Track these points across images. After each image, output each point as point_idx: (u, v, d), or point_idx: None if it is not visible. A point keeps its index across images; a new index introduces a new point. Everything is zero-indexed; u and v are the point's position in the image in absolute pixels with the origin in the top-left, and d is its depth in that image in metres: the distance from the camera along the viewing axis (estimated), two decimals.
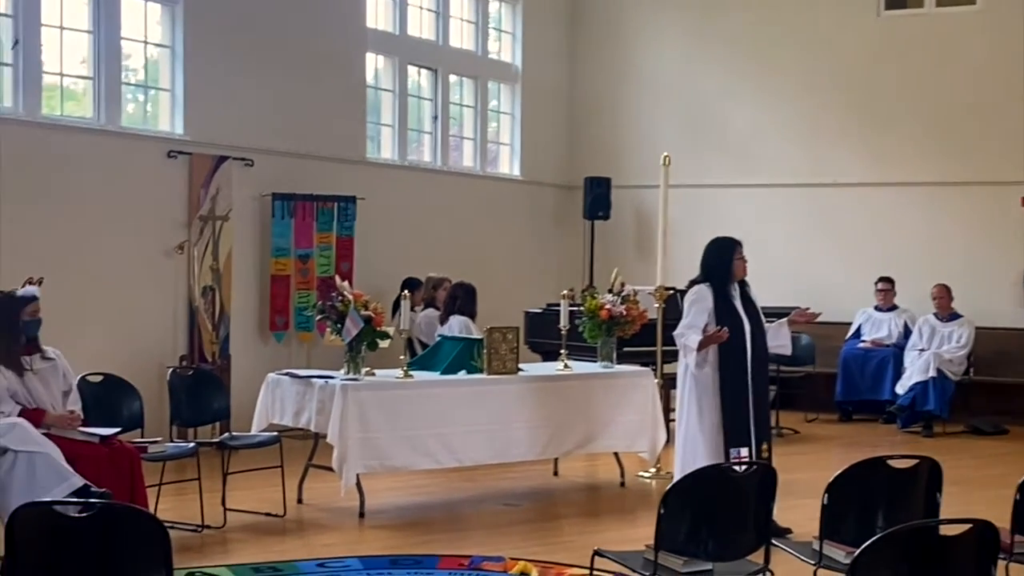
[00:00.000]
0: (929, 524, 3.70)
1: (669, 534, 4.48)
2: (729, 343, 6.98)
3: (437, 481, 8.73)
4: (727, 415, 6.99)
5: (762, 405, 7.15)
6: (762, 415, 7.14)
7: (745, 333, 7.05)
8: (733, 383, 7.02)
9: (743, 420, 7.00)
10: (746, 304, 7.16)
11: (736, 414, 7.00)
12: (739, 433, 6.97)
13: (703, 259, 7.25)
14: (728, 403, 7.00)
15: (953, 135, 12.74)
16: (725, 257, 7.13)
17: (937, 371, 11.62)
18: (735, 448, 6.92)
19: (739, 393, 7.01)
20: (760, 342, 7.14)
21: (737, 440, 6.96)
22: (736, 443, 6.95)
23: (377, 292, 9.17)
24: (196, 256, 10.09)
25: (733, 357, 7.02)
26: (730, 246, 7.18)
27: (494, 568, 6.32)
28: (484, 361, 8.21)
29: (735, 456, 6.86)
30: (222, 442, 7.63)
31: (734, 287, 7.15)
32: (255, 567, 6.33)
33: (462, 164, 13.42)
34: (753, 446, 6.99)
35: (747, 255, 7.27)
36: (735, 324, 7.02)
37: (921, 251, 12.78)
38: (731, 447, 6.93)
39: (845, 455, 9.82)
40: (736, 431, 6.98)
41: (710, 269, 7.18)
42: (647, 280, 9.84)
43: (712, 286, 7.09)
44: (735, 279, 7.13)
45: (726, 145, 13.63)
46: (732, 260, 7.11)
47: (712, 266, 7.18)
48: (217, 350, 10.20)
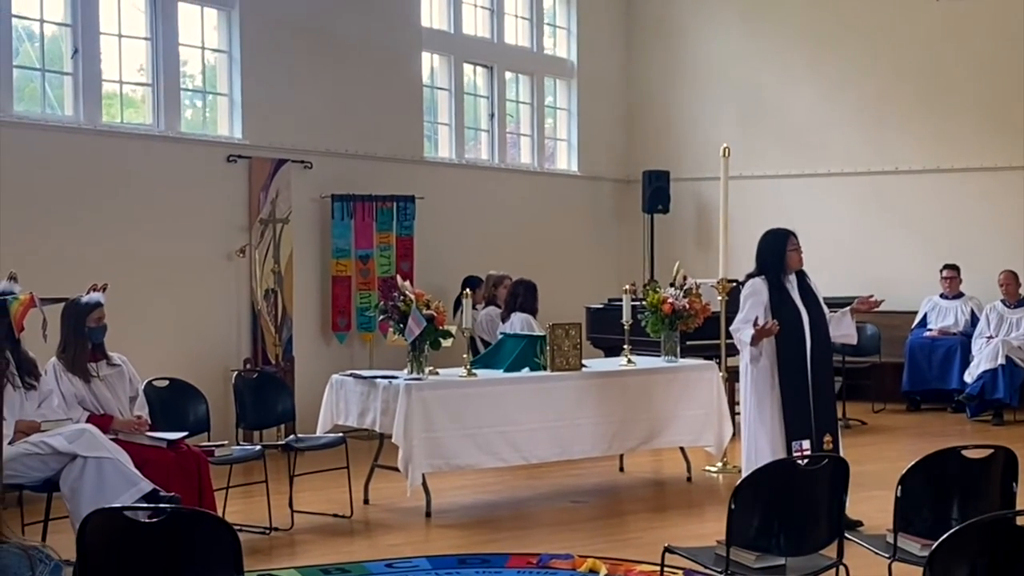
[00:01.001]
0: (1007, 515, 3.61)
1: (740, 529, 4.43)
2: (786, 335, 6.87)
3: (503, 479, 8.72)
4: (786, 407, 6.90)
5: (825, 396, 7.03)
6: (825, 406, 7.01)
7: (804, 324, 6.94)
8: (791, 375, 6.91)
9: (803, 412, 6.90)
10: (805, 295, 7.05)
11: (795, 406, 6.89)
12: (799, 426, 6.87)
13: (757, 252, 7.17)
14: (787, 395, 6.90)
15: (1015, 119, 12.50)
16: (778, 249, 7.04)
17: (1006, 358, 11.42)
18: (796, 441, 6.84)
19: (798, 385, 6.91)
20: (821, 333, 7.02)
21: (798, 433, 6.86)
22: (797, 436, 6.85)
23: (438, 291, 9.18)
24: (257, 259, 10.15)
25: (791, 349, 6.91)
26: (783, 237, 7.09)
27: (563, 566, 6.29)
28: (547, 358, 8.19)
29: (796, 449, 6.78)
30: (288, 444, 7.66)
31: (790, 279, 7.05)
32: (324, 568, 6.35)
33: (519, 161, 13.40)
34: (815, 438, 6.87)
35: (808, 245, 7.18)
36: (793, 315, 6.92)
37: (986, 237, 12.56)
38: (792, 440, 6.84)
39: (914, 446, 9.69)
40: (796, 424, 6.88)
41: (764, 262, 7.10)
42: (709, 273, 9.77)
43: (767, 279, 7.00)
44: (790, 271, 7.04)
45: (785, 134, 13.48)
46: (785, 251, 7.02)
47: (766, 258, 7.09)
48: (280, 352, 10.26)
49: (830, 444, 6.93)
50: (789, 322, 6.89)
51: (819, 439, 6.89)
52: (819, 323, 7.04)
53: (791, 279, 7.06)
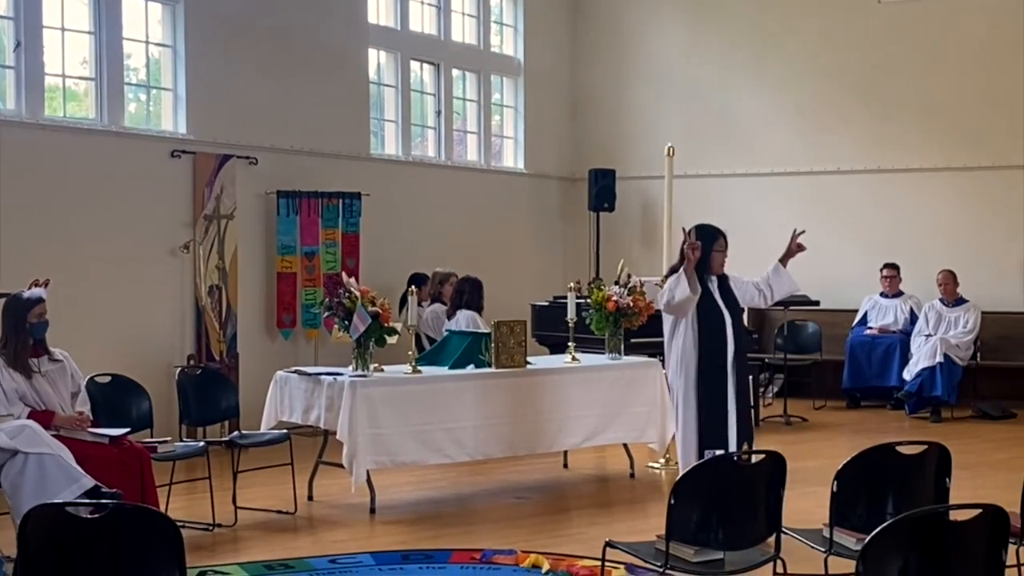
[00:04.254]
0: (939, 510, 3.70)
1: (680, 524, 4.50)
2: (709, 338, 6.73)
3: (447, 476, 8.75)
4: (702, 415, 6.71)
5: (744, 402, 6.86)
6: (745, 413, 6.84)
7: (727, 327, 6.80)
8: (712, 381, 6.73)
9: (720, 422, 6.72)
10: (725, 297, 6.87)
11: (712, 416, 6.72)
12: (714, 435, 6.68)
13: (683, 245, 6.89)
14: (705, 403, 6.72)
15: (956, 120, 12.72)
16: (704, 247, 6.78)
17: (944, 356, 11.61)
18: (708, 450, 6.49)
19: (718, 393, 6.73)
20: (741, 337, 6.89)
21: (711, 442, 6.63)
22: (711, 444, 6.61)
23: (384, 288, 9.18)
24: (202, 255, 10.10)
25: (713, 352, 6.75)
26: (710, 235, 6.85)
27: (506, 561, 6.33)
28: (492, 355, 8.23)
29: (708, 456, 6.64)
30: (231, 440, 7.64)
31: (711, 280, 6.85)
32: (267, 565, 6.35)
33: (466, 158, 13.42)
34: (732, 446, 6.67)
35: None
36: (716, 318, 6.78)
37: (926, 237, 12.77)
38: (706, 448, 6.58)
39: (854, 442, 9.82)
40: (711, 433, 6.69)
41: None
42: (653, 271, 9.85)
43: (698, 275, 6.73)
44: (712, 272, 6.83)
45: (728, 134, 13.61)
46: (711, 251, 6.78)
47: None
48: (225, 349, 10.22)
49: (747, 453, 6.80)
50: (712, 325, 6.76)
51: (739, 447, 6.67)
52: (739, 327, 6.89)
53: (713, 280, 6.87)
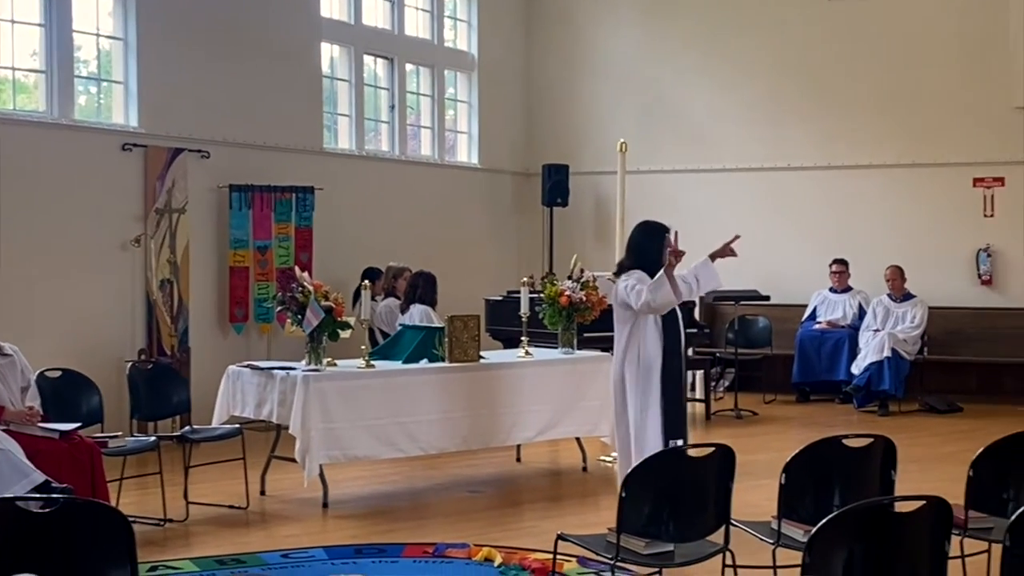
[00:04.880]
0: (883, 501, 3.76)
1: (631, 517, 4.54)
2: (669, 334, 6.88)
3: (400, 470, 8.76)
4: (668, 407, 6.83)
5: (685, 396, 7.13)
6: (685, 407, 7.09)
7: (679, 320, 6.95)
8: (673, 375, 6.88)
9: (680, 412, 6.92)
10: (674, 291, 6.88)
11: (675, 406, 6.88)
12: (677, 425, 6.85)
13: (632, 242, 7.02)
14: (668, 395, 6.84)
15: (904, 117, 12.87)
16: (655, 242, 6.86)
17: (892, 351, 11.77)
18: (673, 440, 6.75)
19: (677, 385, 6.93)
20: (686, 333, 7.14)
21: (675, 432, 6.81)
22: (674, 435, 6.79)
23: (337, 282, 9.18)
24: (153, 249, 10.04)
25: (673, 347, 6.89)
26: (660, 232, 6.90)
27: (458, 555, 6.36)
28: (445, 349, 8.24)
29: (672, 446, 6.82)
30: (183, 435, 7.61)
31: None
32: (219, 559, 6.33)
33: (420, 153, 13.41)
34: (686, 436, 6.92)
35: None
36: (671, 315, 6.91)
37: (875, 233, 12.92)
38: (671, 437, 6.77)
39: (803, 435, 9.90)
40: (675, 423, 6.84)
41: (639, 252, 6.93)
42: (606, 266, 9.88)
43: (647, 272, 6.82)
44: (662, 267, 6.80)
45: (682, 130, 13.70)
46: (663, 247, 6.82)
47: (642, 251, 6.92)
48: (176, 343, 10.16)
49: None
50: (670, 319, 6.90)
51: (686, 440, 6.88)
52: (684, 323, 7.08)
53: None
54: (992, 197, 12.65)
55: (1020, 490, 4.81)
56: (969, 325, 12.45)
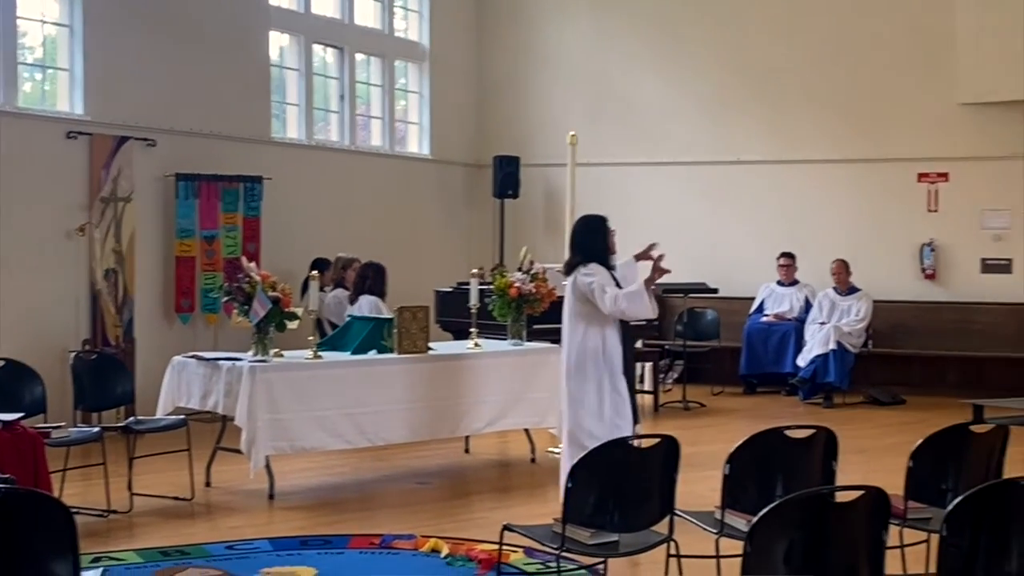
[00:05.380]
0: (823, 491, 3.81)
1: (576, 507, 4.56)
2: (626, 326, 7.05)
3: (348, 461, 8.74)
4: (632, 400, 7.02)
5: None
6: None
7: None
8: (628, 363, 7.06)
9: (632, 400, 7.07)
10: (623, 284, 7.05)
11: (631, 394, 7.04)
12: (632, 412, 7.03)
13: (575, 239, 7.12)
14: (630, 383, 7.05)
15: (852, 113, 13.01)
16: (598, 235, 7.00)
17: (837, 344, 11.90)
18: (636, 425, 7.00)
19: (629, 374, 7.08)
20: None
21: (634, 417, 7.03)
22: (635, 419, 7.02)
23: (285, 273, 9.13)
24: (98, 238, 9.94)
25: (627, 337, 7.07)
26: (599, 224, 7.04)
27: (405, 546, 6.36)
28: (394, 341, 8.23)
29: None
30: (127, 426, 7.55)
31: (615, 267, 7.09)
32: (163, 551, 6.30)
33: (370, 143, 13.37)
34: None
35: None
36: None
37: (821, 227, 13.05)
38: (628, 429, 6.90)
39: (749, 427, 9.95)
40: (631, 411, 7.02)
41: (587, 248, 7.02)
42: (556, 258, 9.88)
43: (603, 265, 6.95)
44: (611, 253, 7.05)
45: (632, 124, 13.76)
46: (605, 237, 7.01)
47: (589, 244, 7.02)
48: (121, 333, 10.07)
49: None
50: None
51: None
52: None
53: (616, 269, 7.09)
54: (936, 192, 12.81)
55: (959, 481, 4.89)
56: (913, 319, 12.62)
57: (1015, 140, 12.39)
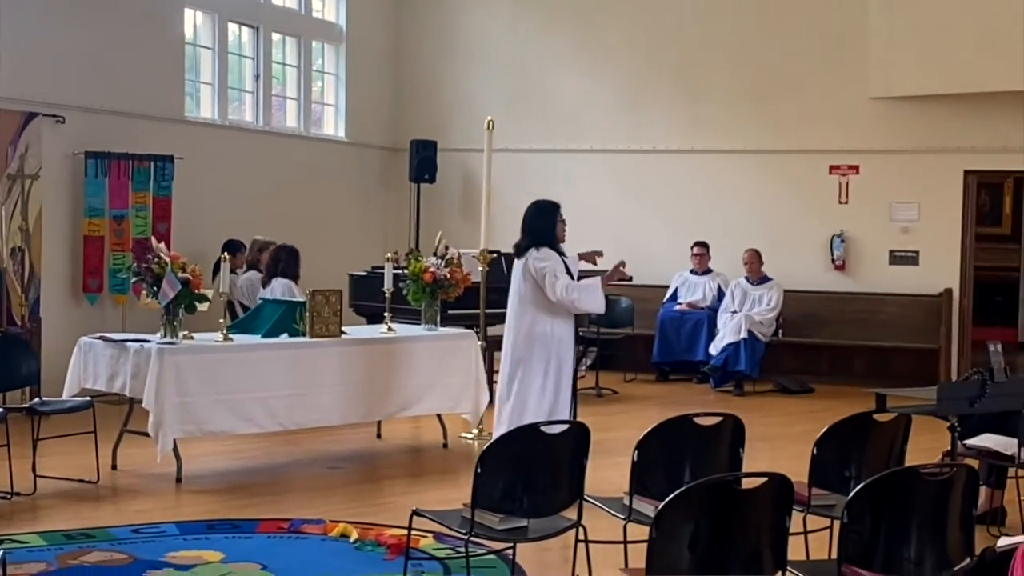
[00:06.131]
0: (727, 478, 3.86)
1: (486, 492, 4.57)
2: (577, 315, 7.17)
3: (259, 445, 8.66)
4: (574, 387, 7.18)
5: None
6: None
7: None
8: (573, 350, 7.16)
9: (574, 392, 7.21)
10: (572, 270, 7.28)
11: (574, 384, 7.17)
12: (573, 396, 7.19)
13: (527, 222, 7.29)
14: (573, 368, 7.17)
15: (766, 105, 13.14)
16: (549, 220, 7.20)
17: (748, 332, 12.05)
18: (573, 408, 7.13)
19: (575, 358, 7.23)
20: None
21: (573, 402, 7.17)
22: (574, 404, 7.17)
23: (197, 254, 9.01)
24: (4, 216, 9.72)
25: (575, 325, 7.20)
26: (552, 209, 7.26)
27: (314, 531, 6.32)
28: (306, 324, 8.16)
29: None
30: (32, 407, 7.40)
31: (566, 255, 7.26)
32: (67, 534, 6.19)
33: (285, 125, 13.23)
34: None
35: (569, 219, 7.38)
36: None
37: (734, 216, 13.19)
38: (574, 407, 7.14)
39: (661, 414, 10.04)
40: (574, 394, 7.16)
41: (535, 232, 7.21)
42: (472, 243, 9.91)
43: (553, 249, 7.16)
44: (559, 242, 7.21)
45: (550, 110, 13.78)
46: (556, 223, 7.20)
47: (537, 229, 7.22)
48: (27, 313, 9.87)
49: None
50: None
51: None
52: None
53: (567, 256, 7.26)
54: (847, 184, 13.02)
55: (861, 468, 4.98)
56: (822, 308, 12.83)
57: (924, 134, 12.63)
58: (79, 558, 5.77)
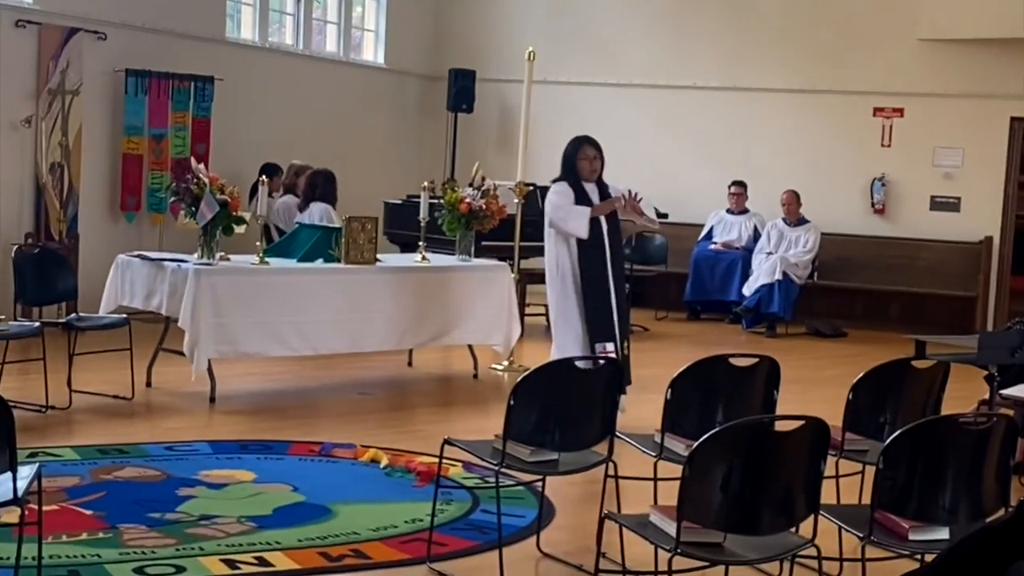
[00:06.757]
0: (764, 420, 3.84)
1: (517, 425, 4.57)
2: (588, 244, 7.10)
3: (291, 369, 8.71)
4: (590, 313, 7.11)
5: (622, 303, 7.26)
6: (624, 313, 7.27)
7: (603, 233, 7.16)
8: (594, 283, 7.12)
9: (607, 317, 7.13)
10: None
11: (599, 312, 7.12)
12: (604, 330, 7.11)
13: (563, 155, 7.33)
14: (591, 302, 7.11)
15: (811, 43, 12.95)
16: (570, 156, 7.22)
17: (783, 274, 11.98)
18: (600, 343, 7.07)
19: (602, 292, 7.13)
20: (618, 244, 7.28)
21: (601, 336, 7.10)
22: (601, 338, 7.09)
23: (234, 176, 9.00)
24: (44, 131, 9.74)
25: (593, 257, 7.12)
26: (575, 145, 7.26)
27: (345, 455, 6.37)
28: (342, 250, 8.17)
29: (600, 350, 7.01)
30: (69, 322, 7.46)
31: (592, 188, 7.22)
32: (100, 448, 6.26)
33: (325, 49, 13.15)
34: (618, 342, 7.13)
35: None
36: (595, 223, 7.12)
37: (774, 157, 13.06)
38: (596, 342, 7.07)
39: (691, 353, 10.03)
40: (600, 328, 7.10)
41: (563, 164, 7.28)
42: (508, 175, 9.87)
43: (570, 184, 7.18)
44: (583, 178, 7.19)
45: (591, 42, 13.62)
46: (576, 160, 7.19)
47: (562, 163, 7.28)
48: (65, 229, 9.92)
49: (627, 349, 7.23)
50: (592, 231, 7.09)
51: (621, 343, 7.17)
52: (616, 235, 7.27)
53: (593, 188, 7.22)
54: (891, 127, 12.85)
55: (896, 415, 4.95)
56: (859, 252, 12.72)
57: (971, 79, 12.43)
58: (112, 473, 5.84)
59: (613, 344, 7.10)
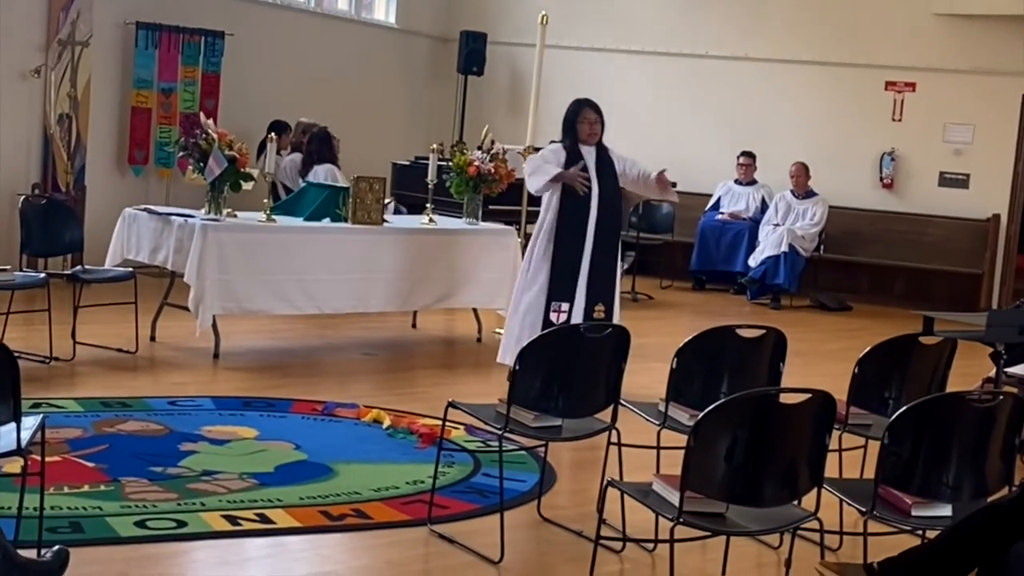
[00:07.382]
0: (770, 392, 3.84)
1: (522, 390, 4.57)
2: (573, 203, 7.03)
3: (295, 327, 8.72)
4: (554, 267, 7.05)
5: (602, 269, 7.14)
6: (601, 278, 7.14)
7: (592, 196, 7.07)
8: (567, 242, 7.05)
9: (569, 277, 7.05)
10: (601, 169, 7.13)
11: (562, 271, 7.05)
12: (561, 289, 7.05)
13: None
14: (557, 259, 7.05)
15: (824, 16, 12.86)
16: (570, 118, 7.17)
17: (789, 246, 11.96)
18: (555, 301, 7.03)
19: (572, 252, 7.05)
20: (610, 210, 7.15)
21: (558, 294, 7.04)
22: (556, 297, 7.04)
23: (242, 133, 8.96)
24: (53, 81, 9.70)
25: (574, 217, 7.05)
26: (576, 107, 7.19)
27: (347, 415, 6.37)
28: (349, 210, 8.15)
29: (554, 309, 7.00)
30: (74, 274, 7.46)
31: (590, 151, 7.15)
32: (104, 401, 6.27)
33: (336, 7, 13.07)
34: (586, 306, 7.06)
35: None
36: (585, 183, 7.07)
37: (784, 128, 12.99)
38: (552, 300, 7.04)
39: (695, 323, 10.08)
40: (558, 287, 7.05)
41: (563, 128, 7.24)
42: (517, 139, 9.82)
43: (565, 146, 7.15)
44: (582, 141, 7.12)
45: (604, 8, 13.53)
46: (575, 122, 7.12)
47: (564, 125, 7.23)
48: (72, 180, 9.90)
49: (601, 313, 7.12)
50: (578, 198, 7.03)
51: (589, 307, 7.08)
52: (609, 199, 7.15)
53: (591, 151, 7.14)
54: (902, 102, 12.78)
55: (902, 391, 4.94)
56: (866, 227, 12.69)
57: (985, 55, 12.34)
58: (115, 426, 5.85)
59: (568, 305, 7.03)
